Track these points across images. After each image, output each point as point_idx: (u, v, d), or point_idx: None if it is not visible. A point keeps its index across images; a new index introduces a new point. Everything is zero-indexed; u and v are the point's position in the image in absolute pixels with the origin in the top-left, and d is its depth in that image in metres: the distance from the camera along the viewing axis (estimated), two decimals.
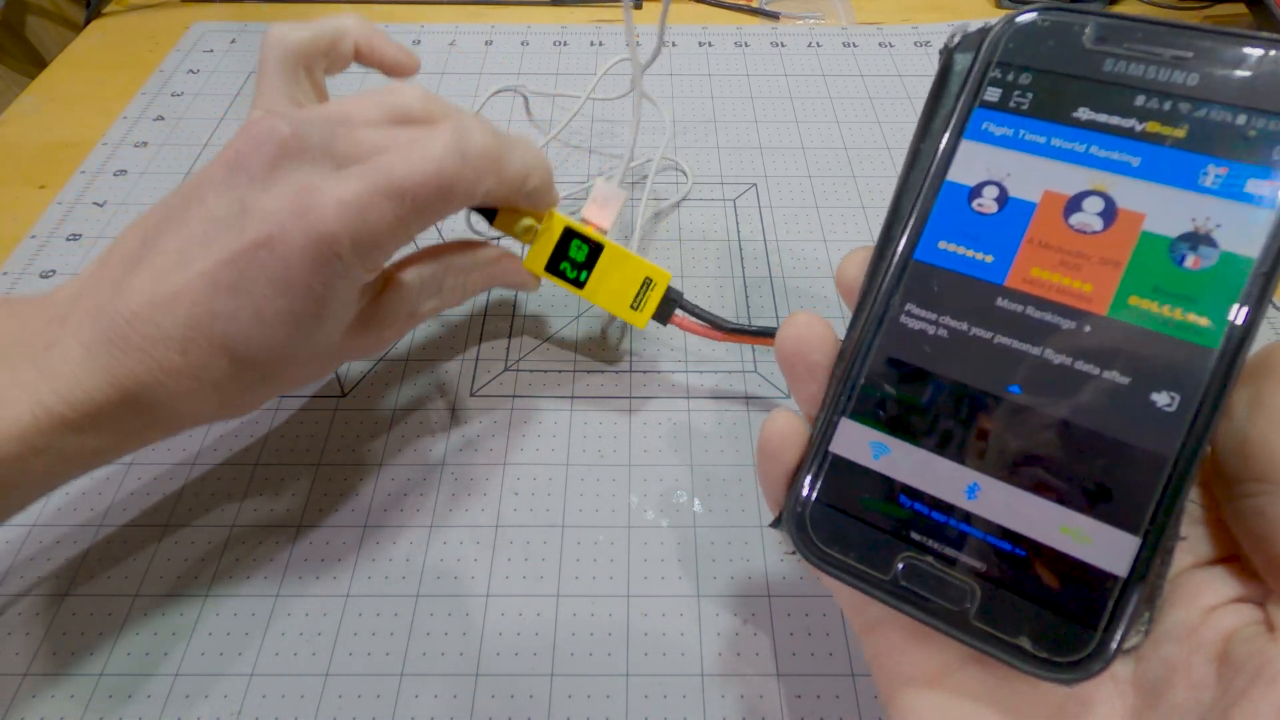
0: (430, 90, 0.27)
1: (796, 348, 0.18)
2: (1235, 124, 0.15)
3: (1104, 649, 0.14)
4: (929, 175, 0.17)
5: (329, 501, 0.29)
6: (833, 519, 0.17)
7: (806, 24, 0.53)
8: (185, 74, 0.48)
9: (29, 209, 0.39)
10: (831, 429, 0.17)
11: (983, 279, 0.16)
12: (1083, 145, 0.16)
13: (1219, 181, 0.15)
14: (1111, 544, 0.15)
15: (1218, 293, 0.15)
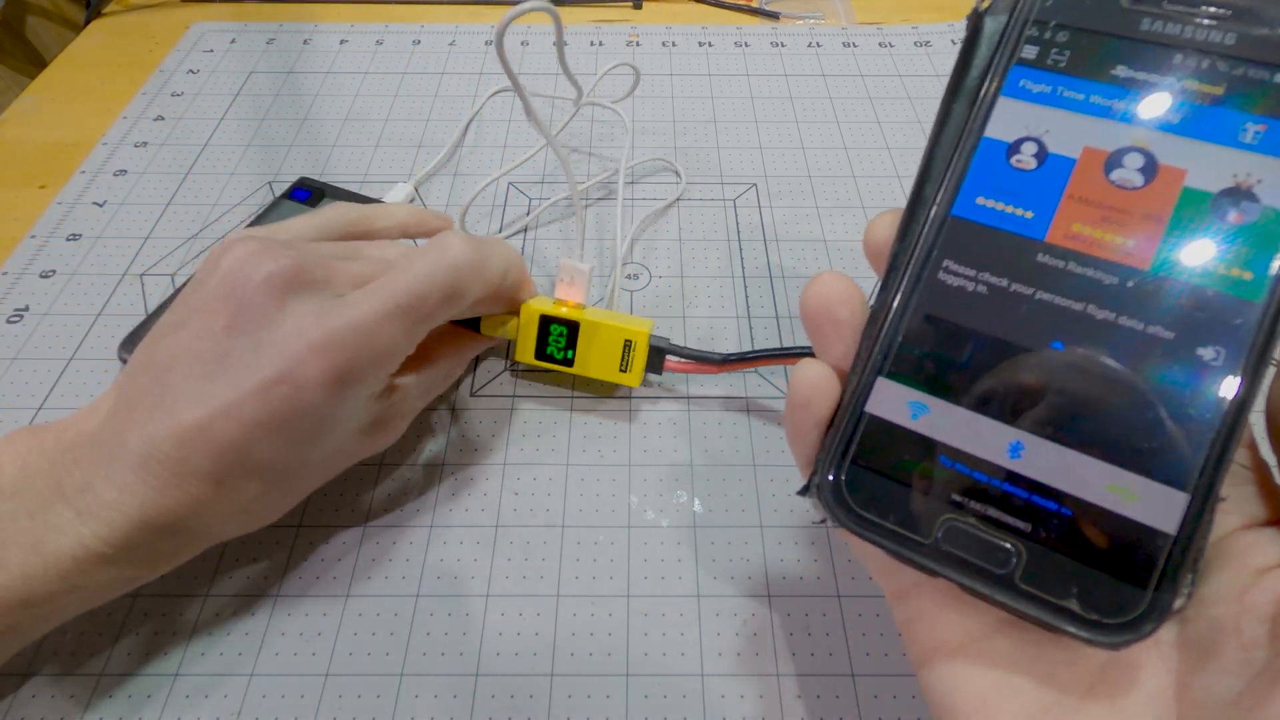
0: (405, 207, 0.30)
1: (823, 304, 0.17)
2: (1274, 82, 0.15)
3: (1155, 609, 0.14)
4: (965, 132, 0.17)
5: (329, 502, 0.29)
6: (869, 481, 0.16)
7: (806, 24, 0.53)
8: (185, 74, 0.48)
9: (29, 209, 0.39)
10: (867, 389, 0.16)
11: (1023, 235, 0.16)
12: (1122, 102, 0.16)
13: (1259, 138, 0.15)
14: (1160, 501, 0.14)
15: (1261, 247, 0.15)
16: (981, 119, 0.17)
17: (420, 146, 0.43)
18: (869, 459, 0.16)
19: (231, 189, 0.40)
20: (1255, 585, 0.15)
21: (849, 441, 0.16)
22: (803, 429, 0.17)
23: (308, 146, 0.43)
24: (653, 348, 0.30)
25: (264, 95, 0.46)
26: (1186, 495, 0.14)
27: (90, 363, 0.33)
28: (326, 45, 0.50)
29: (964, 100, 0.17)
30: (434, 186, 0.41)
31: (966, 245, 0.16)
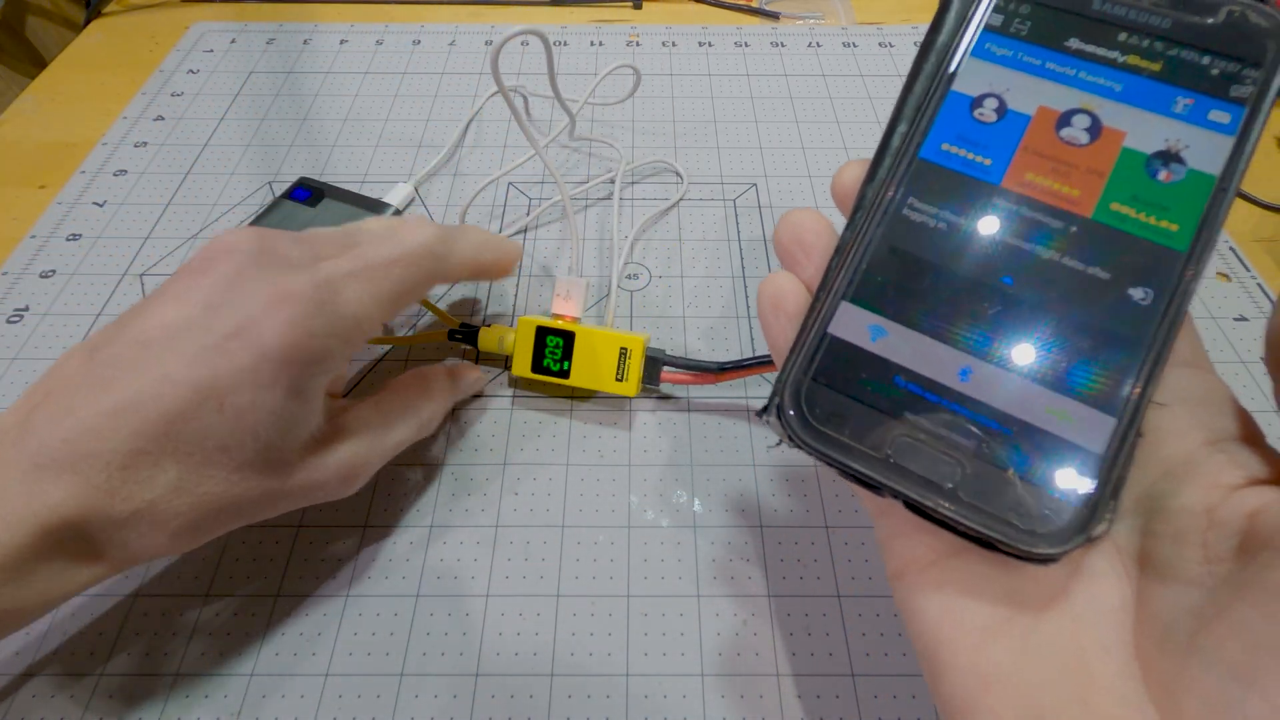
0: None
1: (794, 232, 0.19)
2: (1202, 63, 0.17)
3: (1081, 524, 0.15)
4: (935, 85, 0.18)
5: (329, 502, 0.29)
6: (828, 399, 0.17)
7: (806, 24, 0.53)
8: (185, 74, 0.48)
9: (29, 209, 0.39)
10: (831, 311, 0.18)
11: (981, 179, 0.18)
12: (1073, 70, 0.18)
13: (1187, 110, 0.17)
14: (1092, 424, 0.16)
15: (1186, 203, 0.17)
16: (951, 74, 0.18)
17: (420, 146, 0.43)
18: (829, 378, 0.17)
19: (231, 189, 0.40)
20: (1225, 502, 0.15)
21: (810, 361, 0.18)
22: (777, 326, 0.19)
23: (308, 146, 0.43)
24: (649, 359, 0.30)
25: (264, 95, 0.46)
26: (1114, 419, 0.16)
27: None
28: (326, 45, 0.50)
29: (936, 58, 0.19)
30: (434, 186, 0.41)
31: (930, 185, 0.18)
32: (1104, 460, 0.16)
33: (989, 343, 0.17)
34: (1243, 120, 0.16)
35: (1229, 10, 0.17)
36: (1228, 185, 0.16)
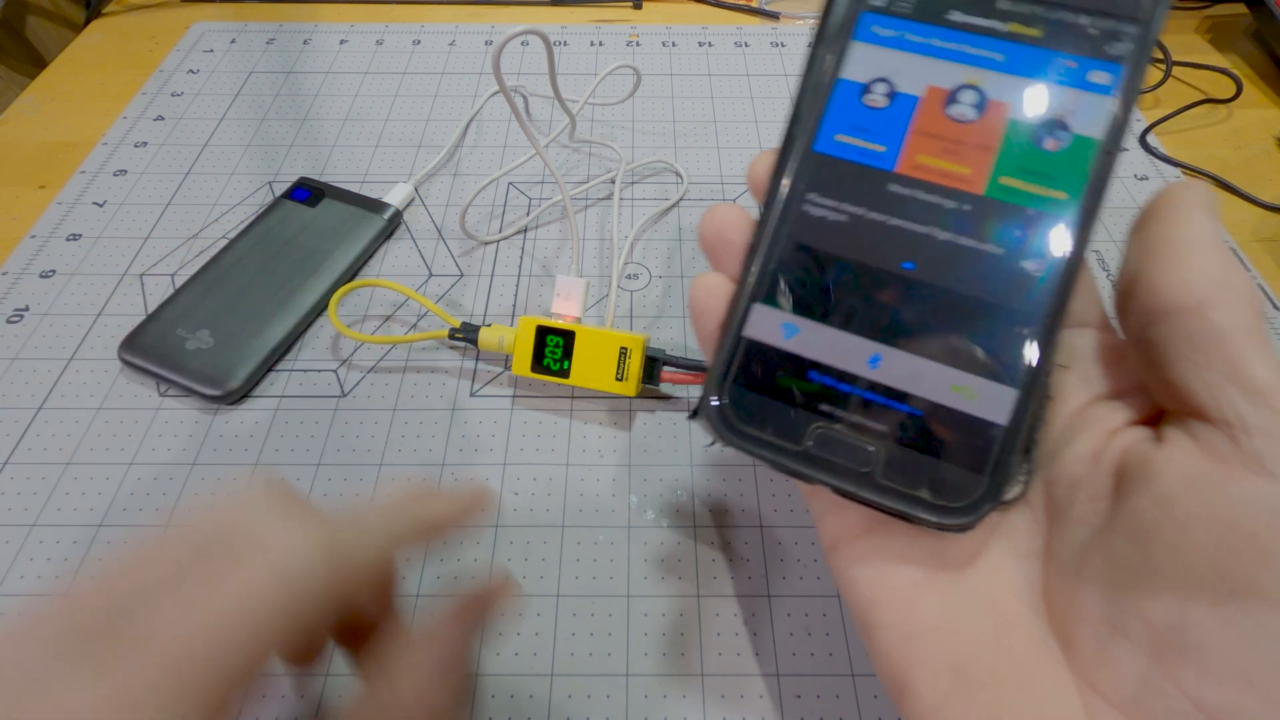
0: None
1: (716, 230, 0.19)
2: (1079, 24, 0.17)
3: (993, 493, 0.16)
4: (824, 75, 0.18)
5: (329, 501, 0.29)
6: (749, 400, 0.18)
7: (806, 24, 0.53)
8: (185, 74, 0.48)
9: (29, 209, 0.39)
10: (744, 315, 0.18)
11: (876, 167, 0.18)
12: (956, 44, 0.18)
13: (1068, 74, 0.17)
14: (995, 398, 0.16)
15: (1072, 170, 0.17)
16: (838, 62, 0.18)
17: (420, 146, 0.43)
18: (749, 379, 0.18)
19: (231, 189, 0.40)
20: (1106, 446, 0.17)
21: (730, 365, 0.18)
22: (706, 331, 0.19)
23: (308, 146, 0.43)
24: (649, 359, 0.30)
25: (264, 95, 0.46)
26: (1016, 391, 0.16)
27: (90, 363, 0.33)
28: (326, 45, 0.50)
29: (824, 46, 0.18)
30: (434, 186, 0.41)
31: (828, 178, 0.18)
32: (1009, 430, 0.16)
33: (895, 329, 0.17)
34: (1123, 79, 0.17)
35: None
36: (1112, 147, 0.17)
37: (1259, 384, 0.14)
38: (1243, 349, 0.15)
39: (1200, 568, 0.14)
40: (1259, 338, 0.15)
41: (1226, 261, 0.15)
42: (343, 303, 0.35)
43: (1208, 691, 0.14)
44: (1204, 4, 0.53)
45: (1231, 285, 0.15)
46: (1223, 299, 0.15)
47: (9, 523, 0.28)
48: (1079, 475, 0.17)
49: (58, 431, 0.30)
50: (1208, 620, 0.14)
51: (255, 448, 0.30)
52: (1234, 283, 0.15)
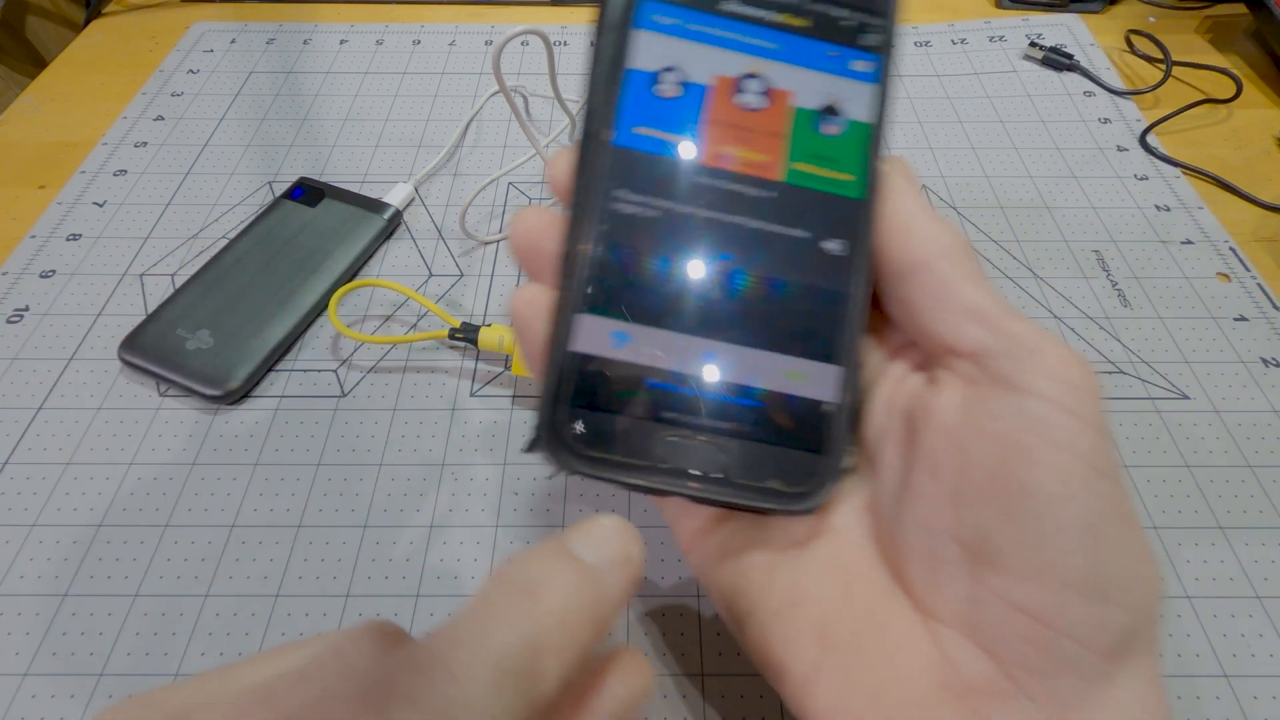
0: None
1: (527, 239, 0.18)
2: (839, 16, 0.18)
3: (833, 469, 0.17)
4: (612, 64, 0.18)
5: (329, 501, 0.29)
6: (588, 419, 0.17)
7: None
8: (185, 74, 0.48)
9: (29, 209, 0.39)
10: (568, 329, 0.17)
11: (678, 158, 0.18)
12: (734, 33, 0.18)
13: (835, 63, 0.18)
14: (823, 377, 0.17)
15: (853, 153, 0.18)
16: (623, 51, 0.18)
17: (420, 146, 0.43)
18: (583, 398, 0.17)
19: (231, 189, 0.40)
20: (896, 393, 0.18)
21: (560, 385, 0.17)
22: (531, 349, 0.18)
23: (308, 146, 0.43)
24: None
25: (264, 95, 0.46)
26: (841, 367, 0.17)
27: (90, 363, 0.33)
28: (326, 45, 0.50)
29: (608, 35, 0.18)
30: (434, 186, 0.41)
31: (632, 173, 0.18)
32: (841, 406, 0.17)
33: (722, 323, 0.17)
34: (881, 67, 0.18)
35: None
36: (881, 131, 0.18)
37: (986, 314, 0.16)
38: (967, 289, 0.17)
39: (984, 482, 0.16)
40: (975, 276, 0.17)
41: (938, 222, 0.17)
42: (343, 303, 0.35)
43: (1016, 590, 0.15)
44: (1204, 4, 0.53)
45: (946, 241, 0.17)
46: (943, 254, 0.17)
47: (9, 523, 0.28)
48: (882, 426, 0.18)
49: (58, 431, 0.30)
50: (1000, 527, 0.15)
51: (255, 448, 0.30)
52: (947, 239, 0.17)
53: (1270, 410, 0.31)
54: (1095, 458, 0.15)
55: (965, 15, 0.53)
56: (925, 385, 0.18)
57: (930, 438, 0.17)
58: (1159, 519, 0.28)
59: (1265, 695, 0.24)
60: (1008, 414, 0.16)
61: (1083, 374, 0.16)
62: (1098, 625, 0.15)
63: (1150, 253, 0.37)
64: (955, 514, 0.16)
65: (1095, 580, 0.15)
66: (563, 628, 0.13)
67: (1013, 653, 0.15)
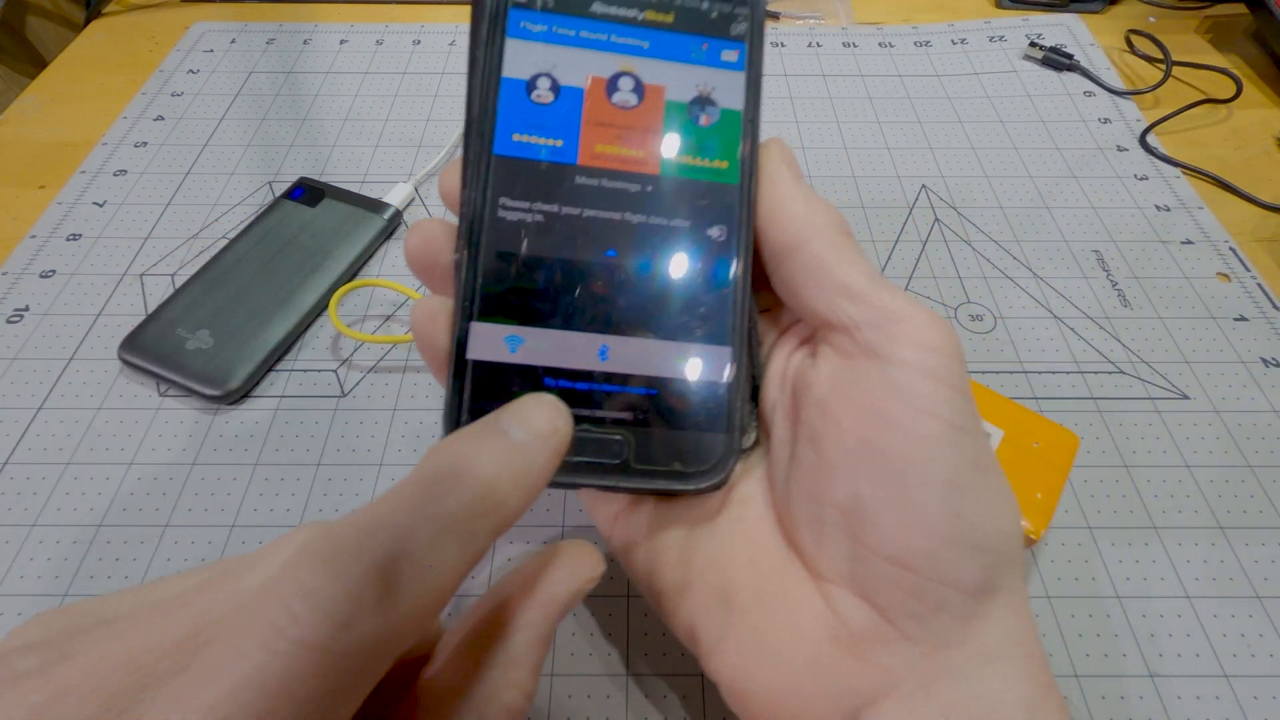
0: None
1: (423, 252, 0.19)
2: (703, 8, 0.19)
3: (733, 446, 0.17)
4: (488, 75, 0.18)
5: (329, 501, 0.29)
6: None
7: (806, 24, 0.53)
8: (185, 74, 0.48)
9: (29, 209, 0.39)
10: (464, 337, 0.17)
11: (559, 162, 0.18)
12: (604, 34, 0.18)
13: (705, 54, 0.19)
14: (715, 358, 0.18)
15: (727, 141, 0.19)
16: (497, 61, 0.18)
17: (420, 146, 0.43)
18: (487, 403, 0.17)
19: (231, 189, 0.40)
20: (786, 367, 0.19)
21: (463, 393, 0.17)
22: (436, 362, 0.18)
23: (308, 146, 0.43)
24: None
25: (264, 95, 0.46)
26: (730, 347, 0.18)
27: (90, 363, 0.33)
28: (326, 45, 0.50)
29: (483, 46, 0.18)
30: (434, 186, 0.41)
31: (515, 180, 0.18)
32: (734, 385, 0.18)
33: (614, 317, 0.18)
34: (747, 55, 0.18)
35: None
36: (752, 117, 0.18)
37: (856, 289, 0.17)
38: (838, 265, 0.17)
39: (855, 449, 0.17)
40: (848, 253, 0.18)
41: (809, 200, 0.18)
42: (343, 303, 0.35)
43: (888, 545, 0.16)
44: (1204, 4, 0.53)
45: (817, 220, 0.18)
46: (815, 233, 0.18)
47: (9, 523, 0.28)
48: (774, 400, 0.19)
49: (58, 431, 0.30)
50: (871, 489, 0.17)
51: (255, 448, 0.30)
52: (821, 219, 0.18)
53: (1270, 410, 0.31)
54: (954, 416, 0.16)
55: (965, 15, 0.53)
56: (809, 358, 0.19)
57: (809, 410, 0.18)
58: (1159, 519, 0.28)
59: (1265, 695, 0.24)
60: (873, 382, 0.17)
61: (942, 337, 0.17)
62: (962, 568, 0.16)
63: (1150, 253, 0.37)
64: (833, 481, 0.17)
65: (957, 528, 0.16)
66: (491, 496, 0.14)
67: (890, 601, 0.17)
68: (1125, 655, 0.25)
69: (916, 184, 0.41)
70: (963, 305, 0.35)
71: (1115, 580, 0.27)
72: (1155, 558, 0.27)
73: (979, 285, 0.36)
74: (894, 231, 0.38)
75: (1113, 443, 0.30)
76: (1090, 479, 0.29)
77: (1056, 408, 0.32)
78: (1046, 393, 0.32)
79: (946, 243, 0.38)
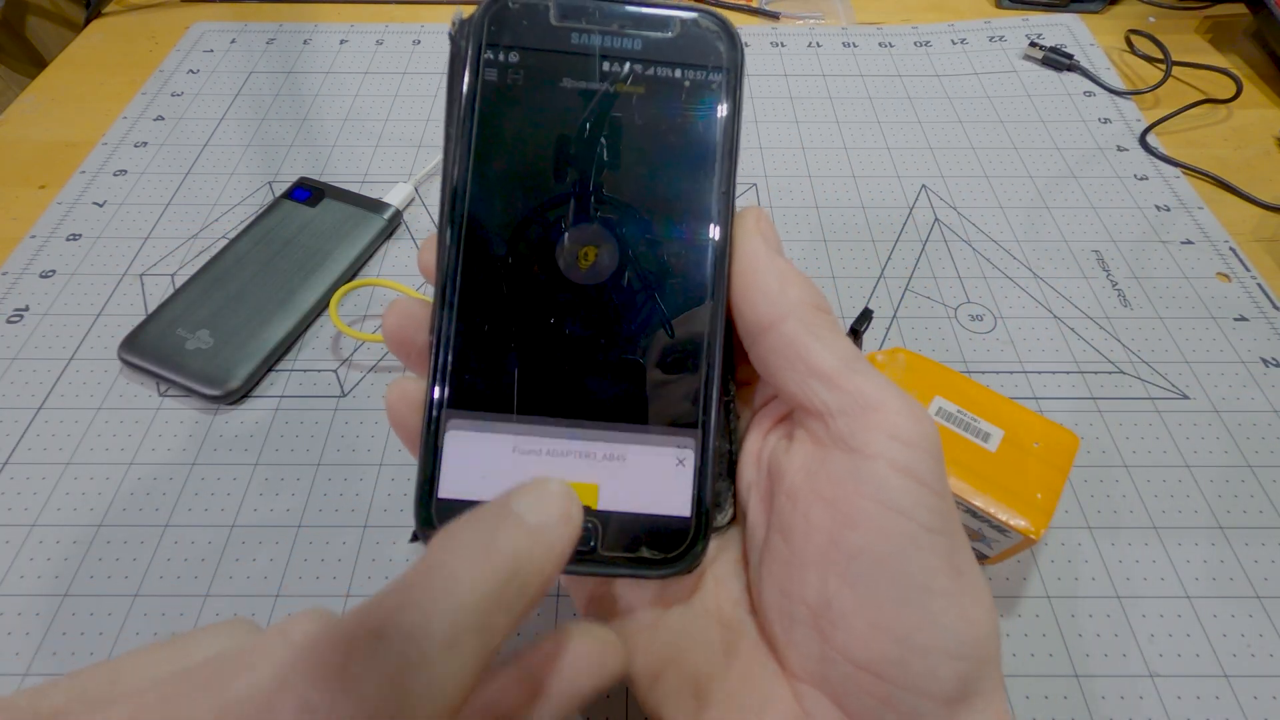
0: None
1: (399, 332, 0.18)
2: (676, 77, 0.18)
3: (703, 529, 0.17)
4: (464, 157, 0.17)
5: (329, 501, 0.29)
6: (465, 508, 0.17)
7: (806, 24, 0.53)
8: (185, 74, 0.48)
9: (29, 209, 0.39)
10: (437, 426, 0.17)
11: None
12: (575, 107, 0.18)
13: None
14: (681, 445, 0.17)
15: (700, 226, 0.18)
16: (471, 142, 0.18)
17: (420, 146, 0.43)
18: (458, 488, 0.17)
19: (231, 189, 0.40)
20: (762, 448, 0.19)
21: (436, 480, 0.17)
22: (410, 442, 0.18)
23: (308, 146, 0.43)
24: None
25: (264, 95, 0.46)
26: (698, 430, 0.17)
27: (90, 363, 0.33)
28: (326, 45, 0.50)
29: (458, 126, 0.18)
30: (434, 186, 0.41)
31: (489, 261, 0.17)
32: (700, 469, 0.17)
33: (584, 406, 0.17)
34: (722, 124, 0.18)
35: (680, 22, 0.18)
36: (728, 189, 0.18)
37: (829, 372, 0.16)
38: (810, 346, 0.17)
39: (824, 546, 0.16)
40: (821, 333, 0.17)
41: (783, 276, 0.17)
42: (343, 302, 0.35)
43: (856, 649, 0.16)
44: (1204, 4, 0.53)
45: (789, 298, 0.17)
46: (786, 312, 0.17)
47: (9, 523, 0.28)
48: (750, 479, 0.19)
49: (58, 431, 0.30)
50: (840, 589, 0.16)
51: (255, 448, 0.30)
52: (790, 295, 0.17)
53: (1270, 410, 0.31)
54: (927, 516, 0.15)
55: (965, 15, 0.53)
56: (784, 441, 0.18)
57: (781, 500, 0.17)
58: (1159, 519, 0.28)
59: (1265, 695, 0.24)
60: (843, 477, 0.16)
61: (917, 429, 0.16)
62: (934, 676, 0.15)
63: (1150, 253, 0.37)
64: (802, 577, 0.16)
65: (928, 634, 0.15)
66: (512, 584, 0.13)
67: (861, 707, 0.16)
68: (1125, 655, 0.25)
69: (916, 184, 0.41)
70: (963, 305, 0.35)
71: (1115, 580, 0.27)
72: (1155, 558, 0.27)
73: (979, 285, 0.36)
74: (894, 231, 0.38)
75: (1113, 443, 0.30)
76: (1090, 479, 0.29)
77: (1056, 408, 0.31)
78: (1046, 393, 0.32)
79: (946, 243, 0.38)
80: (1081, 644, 0.25)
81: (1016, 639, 0.26)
